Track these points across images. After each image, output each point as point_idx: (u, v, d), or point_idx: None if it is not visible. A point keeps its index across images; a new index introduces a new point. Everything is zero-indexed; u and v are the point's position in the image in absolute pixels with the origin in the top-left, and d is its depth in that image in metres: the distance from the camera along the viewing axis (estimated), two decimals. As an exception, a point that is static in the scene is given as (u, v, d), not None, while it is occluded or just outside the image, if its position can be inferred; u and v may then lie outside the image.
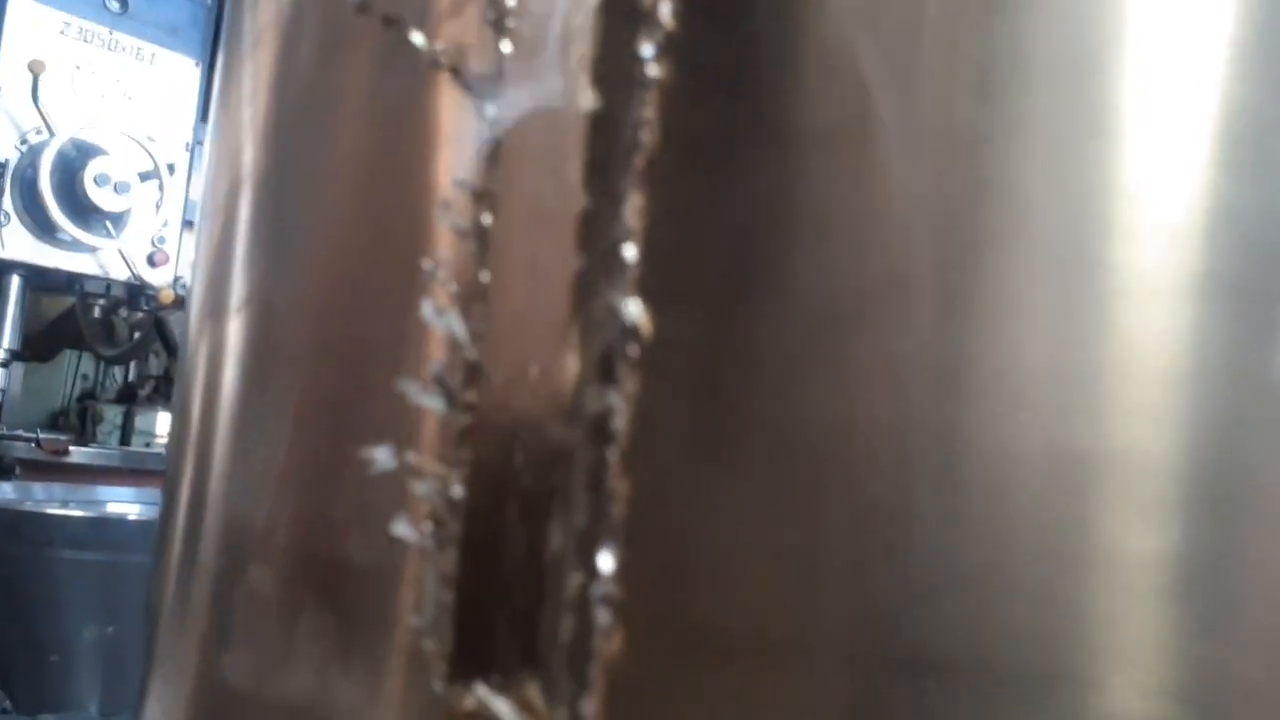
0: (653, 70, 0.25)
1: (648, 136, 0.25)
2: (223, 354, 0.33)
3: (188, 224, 2.19)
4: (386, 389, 0.26)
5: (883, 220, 0.24)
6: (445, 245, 0.26)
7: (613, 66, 0.27)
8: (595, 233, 0.26)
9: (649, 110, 0.25)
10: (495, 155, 0.27)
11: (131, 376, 2.84)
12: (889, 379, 0.23)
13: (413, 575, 0.25)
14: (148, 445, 2.70)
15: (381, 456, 0.25)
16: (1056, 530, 0.24)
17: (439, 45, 0.28)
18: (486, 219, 0.27)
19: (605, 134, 0.27)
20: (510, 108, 0.27)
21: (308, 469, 0.28)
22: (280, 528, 0.28)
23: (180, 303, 2.17)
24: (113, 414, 2.70)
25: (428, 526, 0.25)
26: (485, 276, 0.26)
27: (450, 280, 0.26)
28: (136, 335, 2.41)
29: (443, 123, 0.28)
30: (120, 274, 2.08)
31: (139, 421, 2.73)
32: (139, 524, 1.77)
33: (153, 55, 2.11)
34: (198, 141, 2.18)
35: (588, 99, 0.27)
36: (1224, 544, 0.25)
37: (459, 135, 0.27)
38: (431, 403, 0.25)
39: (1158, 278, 0.25)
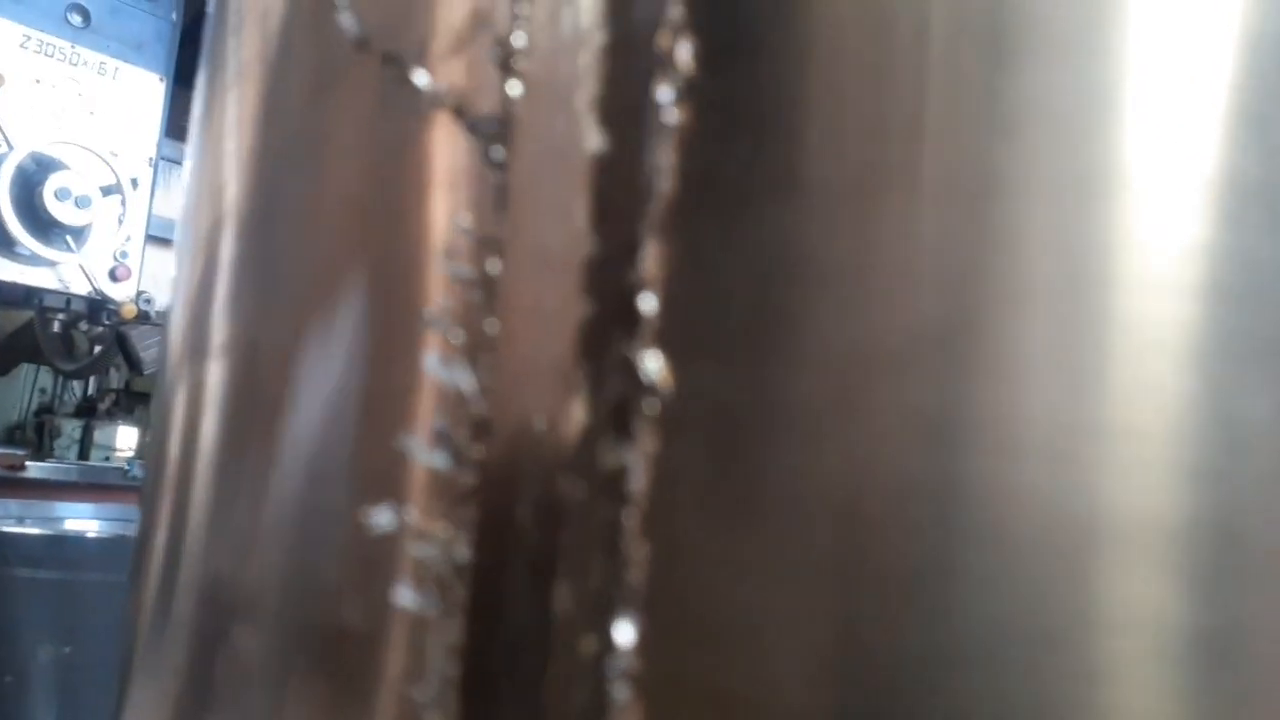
0: (671, 116, 0.24)
1: (665, 183, 0.24)
2: (203, 398, 0.31)
3: (151, 239, 2.14)
4: (384, 444, 0.24)
5: (909, 271, 0.22)
6: (448, 294, 0.25)
7: (624, 108, 0.26)
8: (605, 279, 0.25)
9: (667, 156, 0.24)
10: (501, 200, 0.25)
11: (91, 390, 2.77)
12: (919, 433, 0.21)
13: (415, 645, 0.23)
14: (107, 459, 2.63)
15: (382, 518, 0.23)
16: (1082, 591, 0.22)
17: (441, 85, 0.26)
18: (493, 266, 0.25)
19: (615, 177, 0.25)
20: (517, 151, 0.25)
21: (298, 527, 0.26)
22: (268, 589, 0.26)
23: (143, 317, 2.12)
24: (71, 428, 2.63)
25: (432, 593, 0.23)
26: (492, 326, 0.24)
27: (455, 330, 0.24)
28: (97, 349, 2.35)
29: (445, 166, 0.26)
30: (81, 288, 2.02)
31: (98, 435, 2.66)
32: (97, 541, 1.72)
33: (116, 70, 2.06)
34: (162, 157, 2.13)
35: (595, 140, 0.26)
36: (1236, 609, 0.23)
37: (462, 179, 0.25)
38: (437, 461, 0.23)
39: (1175, 333, 0.24)
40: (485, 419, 0.24)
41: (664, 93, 0.24)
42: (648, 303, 0.23)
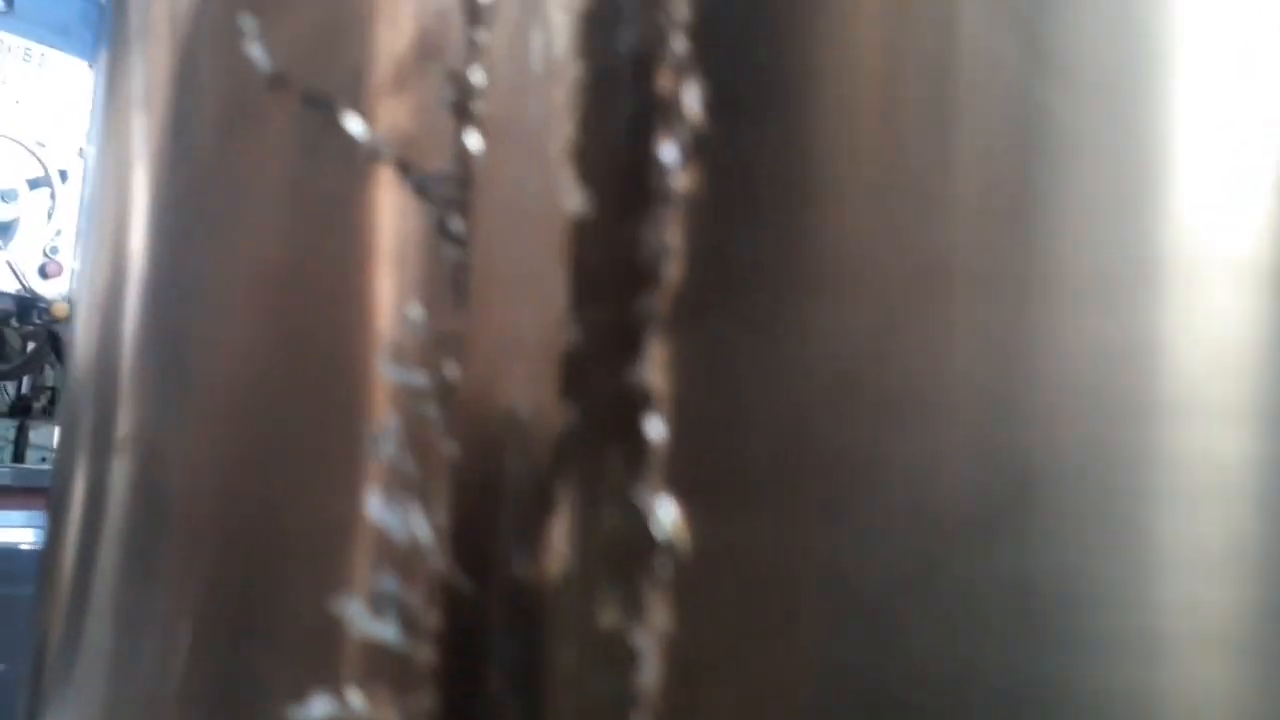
0: (677, 180, 0.18)
1: (672, 267, 0.18)
2: (102, 506, 0.25)
3: (83, 233, 2.02)
4: (318, 607, 0.18)
5: (990, 393, 0.17)
6: (394, 408, 0.19)
7: (610, 159, 0.20)
8: (594, 381, 0.19)
9: (673, 232, 0.18)
10: (460, 283, 0.19)
11: (25, 389, 2.64)
12: (1008, 617, 0.16)
13: None
14: (44, 461, 2.52)
15: (316, 709, 0.18)
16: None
17: (380, 133, 0.20)
18: (451, 370, 0.19)
19: (602, 246, 0.20)
20: (479, 218, 0.20)
21: (211, 696, 0.20)
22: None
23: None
24: (4, 429, 2.50)
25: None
26: (451, 450, 0.19)
27: (404, 457, 0.19)
28: (30, 347, 2.23)
29: (388, 236, 0.20)
30: (9, 286, 1.91)
31: (34, 436, 2.54)
32: (33, 554, 1.62)
33: (42, 56, 1.94)
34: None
35: (575, 200, 0.20)
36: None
37: (411, 254, 0.20)
38: (383, 632, 0.18)
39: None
40: (445, 577, 0.18)
41: (668, 150, 0.18)
42: (655, 429, 0.18)
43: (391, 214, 0.20)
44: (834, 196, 0.18)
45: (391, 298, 0.20)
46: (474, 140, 0.20)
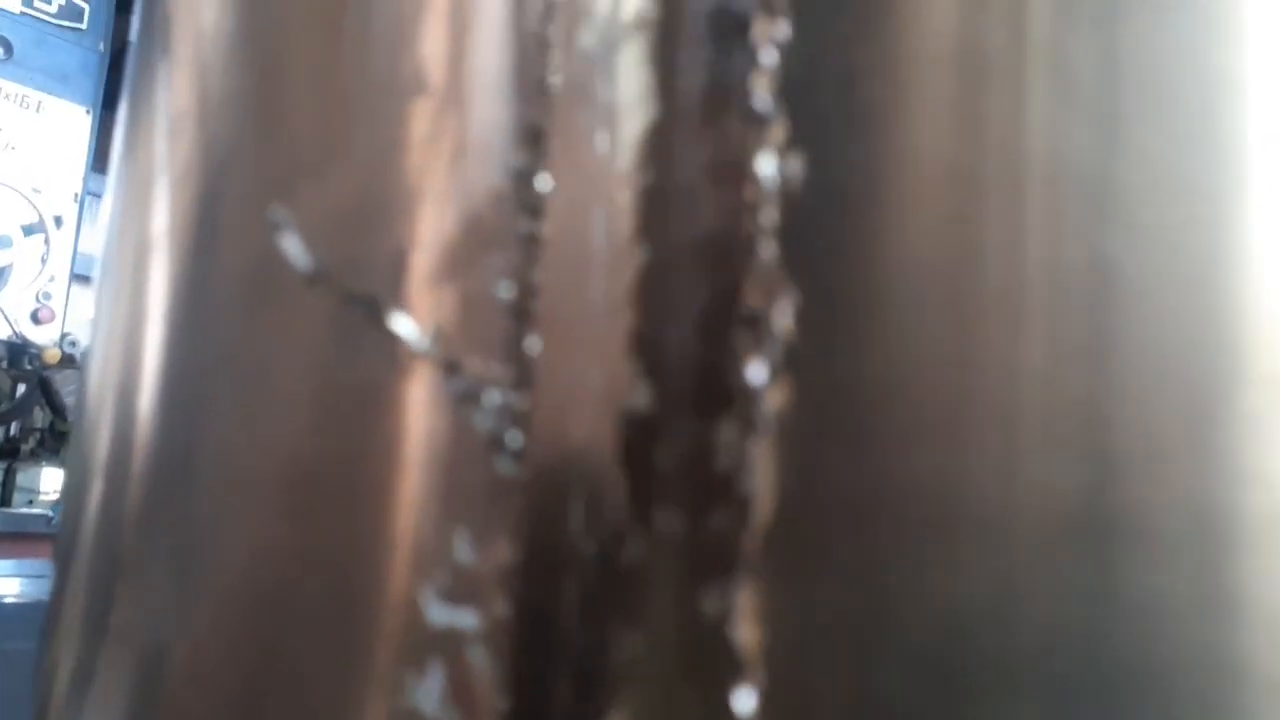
0: (769, 401, 0.16)
1: (762, 509, 0.16)
2: (85, 693, 0.22)
3: (77, 278, 1.99)
4: None
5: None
6: (437, 651, 0.17)
7: (676, 354, 0.18)
8: (659, 610, 0.17)
9: (763, 469, 0.16)
10: (515, 512, 0.17)
11: (13, 430, 2.59)
12: None
13: None
14: (30, 503, 2.47)
15: None
16: None
17: (424, 325, 0.18)
18: (502, 608, 0.17)
19: (669, 451, 0.18)
20: (540, 437, 0.17)
21: None
22: None
23: (67, 361, 1.98)
24: (-9, 472, 2.45)
25: None
26: (503, 702, 0.16)
27: (446, 712, 0.16)
28: (21, 389, 2.19)
29: (433, 444, 0.18)
30: (0, 331, 1.87)
31: (21, 478, 2.49)
32: (16, 607, 1.57)
33: (39, 103, 1.92)
34: (89, 192, 1.99)
35: (640, 396, 0.18)
36: None
37: (459, 469, 0.17)
38: None
39: None
40: None
41: (756, 370, 0.16)
42: (744, 701, 0.15)
43: (437, 419, 0.18)
44: (947, 441, 0.15)
45: (435, 520, 0.17)
46: (533, 343, 0.18)
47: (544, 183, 0.18)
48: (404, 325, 0.18)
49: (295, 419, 0.20)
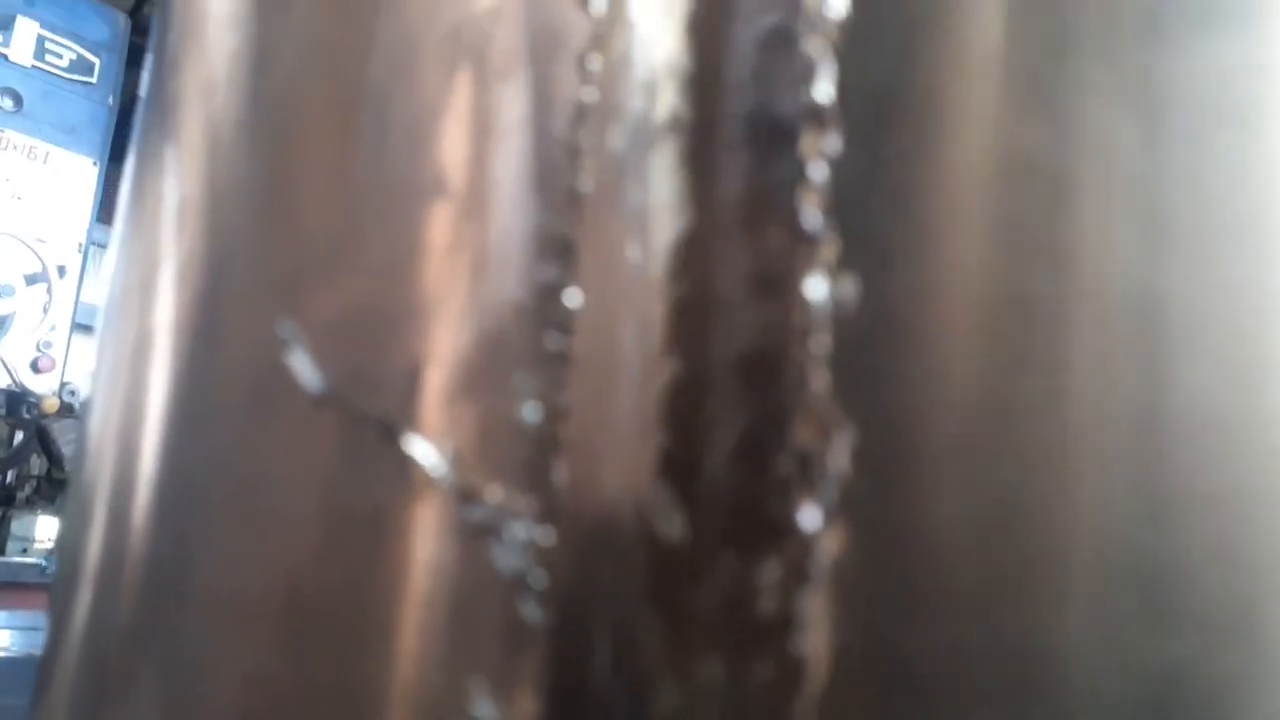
0: (825, 548, 0.14)
1: (816, 672, 0.14)
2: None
3: (78, 327, 1.98)
4: None
5: None
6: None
7: (709, 480, 0.16)
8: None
9: (817, 624, 0.14)
10: (538, 661, 0.15)
11: (10, 479, 2.55)
12: None
13: None
14: (24, 552, 2.43)
15: None
16: None
17: (440, 449, 0.16)
18: (525, 768, 0.15)
19: (706, 590, 0.16)
20: (565, 574, 0.16)
21: None
22: None
23: (65, 410, 1.95)
24: (-14, 520, 2.42)
25: None
26: None
27: None
28: (19, 436, 2.16)
29: (448, 580, 0.16)
30: (0, 380, 1.85)
31: (15, 526, 2.45)
32: (7, 661, 1.53)
33: (46, 154, 1.92)
34: (93, 242, 1.98)
35: (671, 525, 0.16)
36: None
37: (473, 614, 0.16)
38: None
39: None
40: None
41: (810, 513, 0.15)
42: None
43: (452, 552, 0.16)
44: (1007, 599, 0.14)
45: (447, 666, 0.16)
46: (560, 471, 0.16)
47: (573, 297, 0.17)
48: (418, 447, 0.16)
49: (297, 542, 0.18)
